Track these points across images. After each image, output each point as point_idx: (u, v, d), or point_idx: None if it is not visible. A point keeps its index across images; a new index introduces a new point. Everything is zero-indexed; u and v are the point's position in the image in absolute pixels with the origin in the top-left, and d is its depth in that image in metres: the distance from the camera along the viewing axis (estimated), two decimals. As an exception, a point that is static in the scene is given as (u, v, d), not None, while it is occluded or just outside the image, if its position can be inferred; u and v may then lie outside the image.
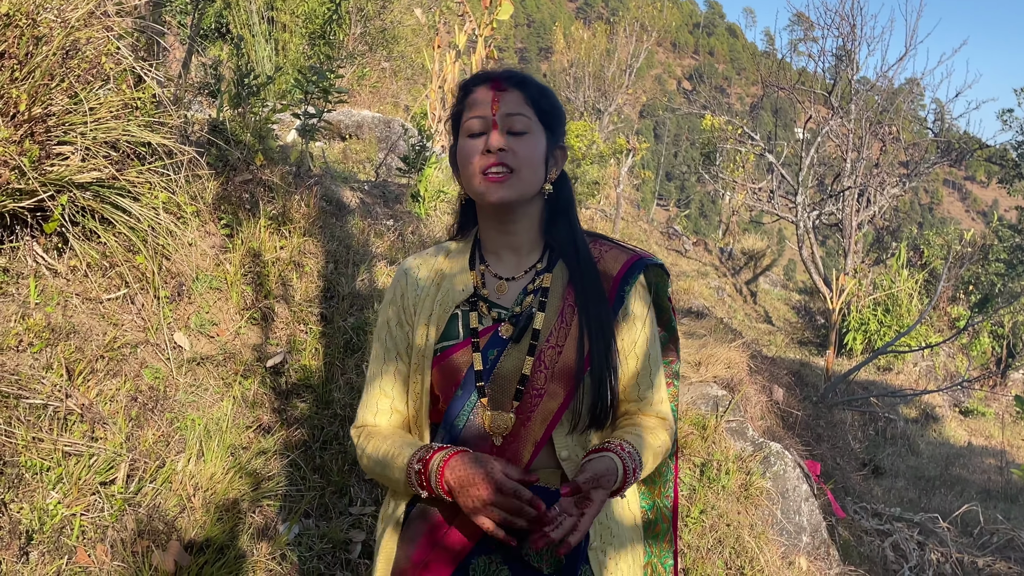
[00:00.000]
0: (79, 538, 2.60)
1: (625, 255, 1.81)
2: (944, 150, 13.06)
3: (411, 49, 12.11)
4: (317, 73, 5.05)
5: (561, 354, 1.69)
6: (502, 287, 1.78)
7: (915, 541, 5.37)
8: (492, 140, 1.67)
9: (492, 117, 1.69)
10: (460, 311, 1.76)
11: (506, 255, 1.80)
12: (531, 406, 1.68)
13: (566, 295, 1.74)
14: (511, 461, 1.64)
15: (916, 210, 38.44)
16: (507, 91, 1.72)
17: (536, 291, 1.75)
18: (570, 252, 1.76)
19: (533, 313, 1.72)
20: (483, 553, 1.66)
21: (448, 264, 1.84)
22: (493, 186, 1.68)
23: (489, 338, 1.72)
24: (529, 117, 1.71)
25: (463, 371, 1.71)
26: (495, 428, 1.68)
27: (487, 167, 1.67)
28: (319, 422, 3.58)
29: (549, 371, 1.69)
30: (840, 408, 8.05)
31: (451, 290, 1.78)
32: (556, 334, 1.71)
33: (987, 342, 13.96)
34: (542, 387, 1.68)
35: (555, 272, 1.77)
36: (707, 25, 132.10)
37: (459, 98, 1.79)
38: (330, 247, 4.42)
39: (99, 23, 3.43)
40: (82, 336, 3.11)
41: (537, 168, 1.72)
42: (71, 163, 3.18)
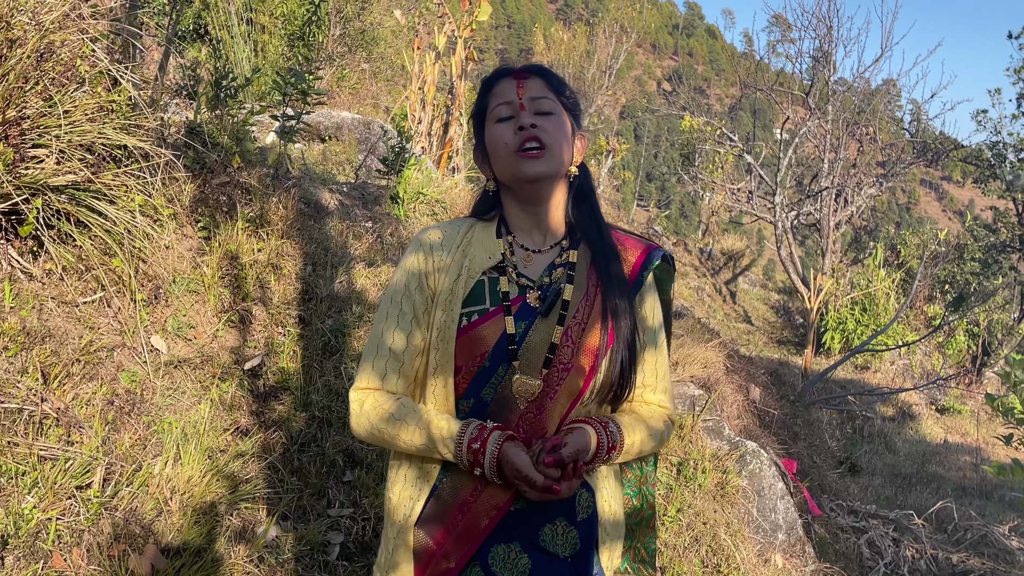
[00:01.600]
0: (55, 542, 2.58)
1: (642, 244, 1.86)
2: (920, 150, 13.17)
3: (391, 50, 12.09)
4: (296, 75, 5.04)
5: (585, 330, 1.73)
6: (528, 258, 1.80)
7: (890, 538, 5.42)
8: (523, 118, 1.72)
9: (519, 100, 1.74)
10: (487, 277, 1.76)
11: (532, 232, 1.83)
12: (559, 379, 1.71)
13: (590, 273, 1.78)
14: (535, 429, 1.70)
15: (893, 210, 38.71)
16: (529, 78, 1.78)
17: (564, 264, 1.78)
18: (594, 234, 1.80)
19: (562, 287, 1.74)
20: (500, 542, 1.69)
21: (472, 235, 1.83)
22: (529, 161, 1.71)
23: (519, 307, 1.73)
24: (553, 100, 1.77)
25: (492, 341, 1.71)
26: (521, 392, 1.70)
27: (522, 143, 1.71)
28: (297, 424, 3.58)
29: (576, 345, 1.72)
30: (817, 407, 8.11)
31: (477, 257, 1.78)
32: (583, 310, 1.74)
33: (962, 340, 14.09)
34: (568, 361, 1.71)
35: (580, 250, 1.80)
36: (686, 26, 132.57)
37: (481, 94, 1.84)
38: (308, 249, 4.41)
39: (74, 25, 3.41)
40: (58, 340, 3.10)
41: (566, 146, 1.77)
42: (46, 166, 3.16)
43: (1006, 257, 16.17)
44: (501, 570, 1.68)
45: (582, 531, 1.73)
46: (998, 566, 5.30)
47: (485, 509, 1.68)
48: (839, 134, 11.48)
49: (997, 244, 16.05)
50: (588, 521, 1.75)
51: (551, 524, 1.70)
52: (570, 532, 1.71)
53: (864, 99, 12.16)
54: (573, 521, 1.72)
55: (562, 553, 1.70)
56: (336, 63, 10.41)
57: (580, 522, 1.73)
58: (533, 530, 1.70)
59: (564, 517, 1.71)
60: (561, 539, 1.70)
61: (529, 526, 1.70)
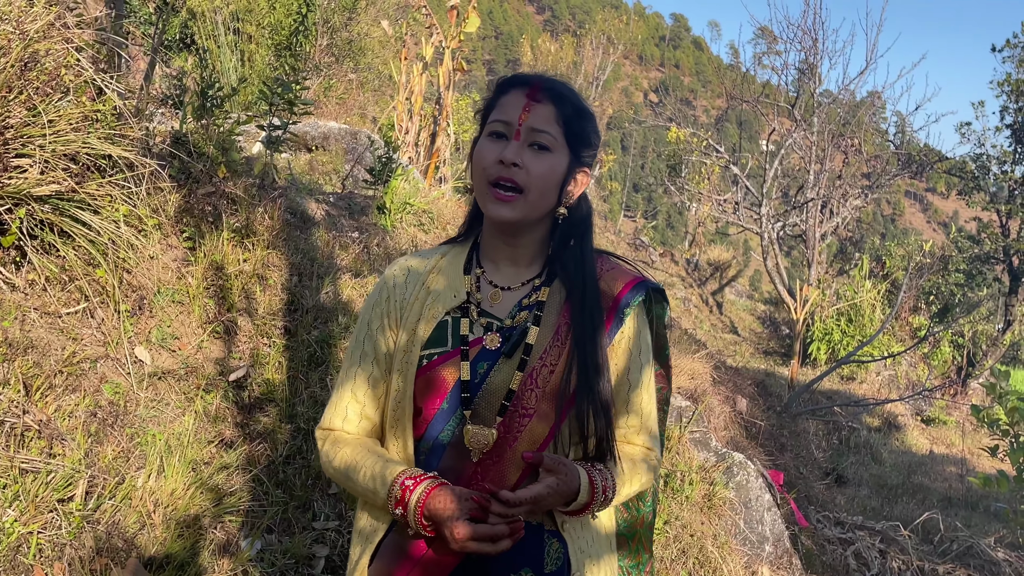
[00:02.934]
0: (36, 556, 2.56)
1: (628, 276, 1.75)
2: (905, 162, 13.25)
3: (378, 61, 12.09)
4: (283, 84, 5.03)
5: (554, 373, 1.63)
6: (496, 295, 1.70)
7: (877, 549, 5.43)
8: (508, 152, 1.59)
9: (517, 127, 1.62)
10: (450, 317, 1.68)
11: (504, 265, 1.73)
12: (518, 426, 1.61)
13: (563, 312, 1.67)
14: (495, 479, 1.59)
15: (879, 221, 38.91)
16: (540, 103, 1.63)
17: (532, 306, 1.68)
18: (575, 272, 1.68)
19: (527, 327, 1.65)
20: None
21: (442, 266, 1.75)
22: (496, 203, 1.61)
23: (479, 350, 1.64)
24: (555, 136, 1.63)
25: (450, 383, 1.63)
26: (474, 443, 1.60)
27: (496, 179, 1.60)
28: (282, 436, 3.56)
29: (540, 390, 1.62)
30: (804, 418, 8.13)
31: (442, 294, 1.70)
32: (550, 352, 1.64)
33: (947, 351, 14.16)
34: (532, 407, 1.61)
35: (553, 287, 1.70)
36: (673, 38, 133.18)
37: (493, 94, 1.70)
38: (294, 260, 4.39)
39: (59, 35, 3.40)
40: (40, 351, 3.07)
41: (548, 192, 1.63)
42: (29, 176, 3.14)
43: (990, 268, 16.29)
44: None
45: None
46: (984, 577, 5.32)
47: (441, 558, 1.58)
48: (824, 146, 11.54)
49: (981, 255, 16.15)
50: (556, 574, 1.63)
51: (515, 575, 1.60)
52: None
53: (849, 111, 12.23)
54: (540, 573, 1.61)
55: None
56: (323, 73, 10.41)
57: (548, 574, 1.62)
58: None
59: (531, 568, 1.61)
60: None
61: (492, 574, 1.59)
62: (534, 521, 1.63)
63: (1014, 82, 15.67)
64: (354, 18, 11.61)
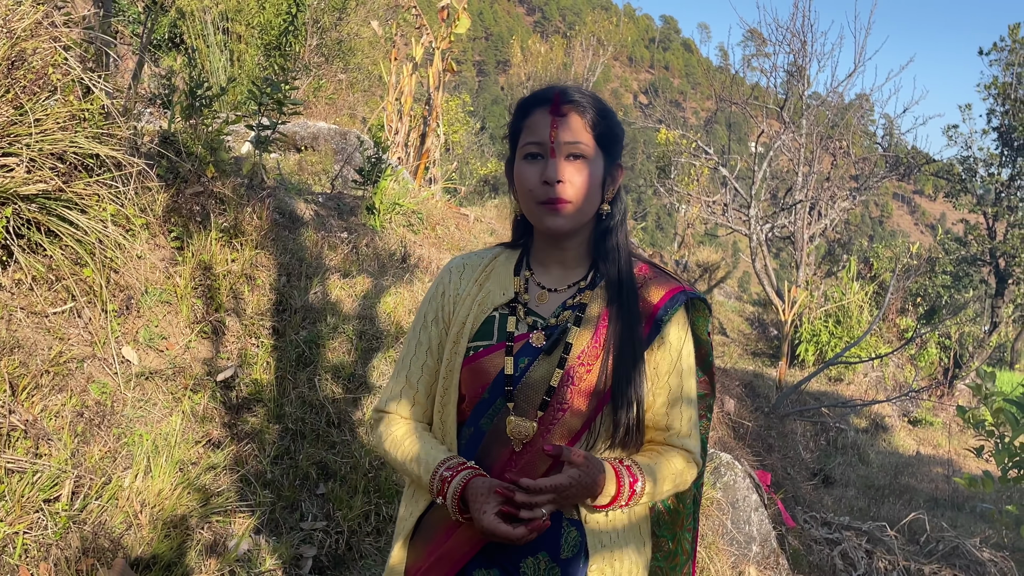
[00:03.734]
0: (22, 557, 2.55)
1: (668, 285, 1.79)
2: (893, 164, 13.31)
3: (368, 61, 12.08)
4: (272, 84, 5.03)
5: (590, 373, 1.69)
6: (543, 296, 1.78)
7: (863, 549, 5.44)
8: (549, 171, 1.66)
9: (550, 144, 1.67)
10: (498, 313, 1.76)
11: (553, 268, 1.80)
12: (554, 419, 1.68)
13: (603, 315, 1.73)
14: (527, 470, 1.67)
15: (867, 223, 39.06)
16: (566, 116, 1.68)
17: (575, 307, 1.74)
18: (613, 275, 1.76)
19: (568, 327, 1.72)
20: (482, 566, 1.68)
21: (494, 267, 1.84)
22: (550, 216, 1.68)
23: (522, 345, 1.72)
24: (587, 143, 1.68)
25: (493, 374, 1.71)
26: (516, 434, 1.67)
27: (545, 198, 1.67)
28: (270, 437, 3.55)
29: (576, 387, 1.68)
30: (791, 419, 8.15)
31: (492, 292, 1.79)
32: (588, 352, 1.70)
33: (934, 353, 14.22)
34: (568, 402, 1.68)
35: (596, 291, 1.76)
36: (663, 40, 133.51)
37: (516, 116, 1.76)
38: (283, 260, 4.39)
39: (46, 34, 3.38)
40: (26, 351, 3.06)
41: (593, 196, 1.71)
42: (16, 175, 3.12)
43: (977, 270, 16.38)
44: None
45: (565, 569, 1.68)
46: (969, 577, 5.34)
47: (469, 535, 1.67)
48: (813, 148, 11.58)
49: (968, 257, 16.23)
50: (572, 560, 1.69)
51: (534, 557, 1.67)
52: (552, 569, 1.67)
53: (838, 113, 12.28)
54: (556, 558, 1.68)
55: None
56: (313, 73, 10.39)
57: (564, 560, 1.68)
58: (514, 561, 1.67)
59: (547, 552, 1.68)
60: (543, 574, 1.67)
61: (510, 556, 1.67)
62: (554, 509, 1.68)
63: (1001, 85, 15.76)
64: (344, 18, 11.60)
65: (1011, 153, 15.76)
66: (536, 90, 1.79)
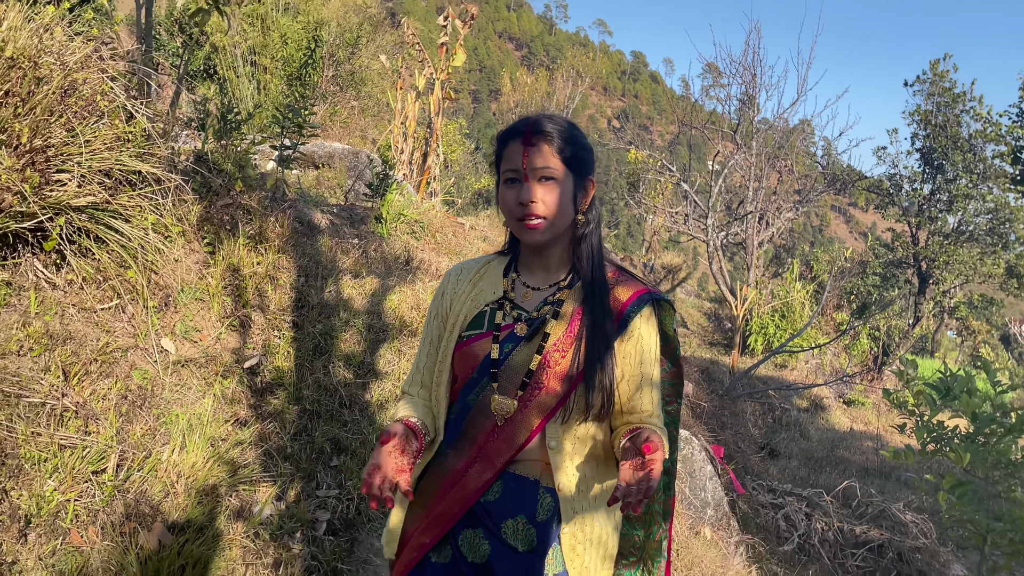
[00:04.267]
0: (73, 521, 2.53)
1: (636, 287, 1.81)
2: (831, 180, 13.34)
3: (377, 90, 12.04)
4: (293, 110, 5.01)
5: (564, 358, 1.71)
6: (528, 294, 1.80)
7: (803, 512, 5.46)
8: (523, 195, 1.69)
9: (523, 170, 1.70)
10: (489, 308, 1.79)
11: (537, 271, 1.82)
12: (531, 397, 1.70)
13: (577, 310, 1.75)
14: (506, 442, 1.69)
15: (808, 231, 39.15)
16: (535, 145, 1.70)
17: (554, 303, 1.77)
18: (587, 276, 1.77)
19: (546, 319, 1.74)
20: (469, 527, 1.70)
21: (487, 270, 1.88)
22: (528, 232, 1.71)
23: (507, 334, 1.74)
24: (555, 167, 1.70)
25: (481, 357, 1.74)
26: (499, 410, 1.70)
27: (522, 216, 1.69)
28: (290, 416, 3.54)
29: (552, 371, 1.70)
30: (743, 400, 8.17)
31: (484, 291, 1.83)
32: (563, 340, 1.72)
33: (866, 343, 14.28)
34: (543, 383, 1.70)
35: (574, 289, 1.78)
36: (633, 72, 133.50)
37: (497, 146, 1.79)
38: (302, 263, 4.37)
39: (95, 66, 3.36)
40: (77, 342, 3.04)
41: (565, 210, 1.72)
42: (68, 189, 3.11)
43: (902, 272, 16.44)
44: (467, 552, 1.70)
45: (540, 530, 1.69)
46: (894, 536, 5.37)
47: (458, 498, 1.70)
48: (762, 166, 11.60)
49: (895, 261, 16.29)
50: (547, 522, 1.69)
51: (513, 519, 1.69)
52: (529, 530, 1.68)
53: (783, 136, 12.29)
54: (533, 520, 1.69)
55: (520, 547, 1.67)
56: (329, 100, 10.36)
57: (539, 522, 1.69)
58: (496, 522, 1.69)
59: (525, 515, 1.69)
60: (521, 534, 1.68)
61: (493, 518, 1.69)
62: (531, 478, 1.71)
63: (923, 112, 15.81)
64: (356, 53, 11.56)
65: (931, 171, 15.83)
66: (513, 122, 1.81)
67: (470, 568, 1.69)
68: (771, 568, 4.52)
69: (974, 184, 15.11)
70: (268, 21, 9.52)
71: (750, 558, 4.56)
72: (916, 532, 5.48)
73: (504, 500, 1.70)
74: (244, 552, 2.87)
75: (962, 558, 5.48)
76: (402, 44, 12.38)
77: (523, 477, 1.71)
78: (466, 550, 1.70)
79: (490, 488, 1.71)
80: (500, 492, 1.71)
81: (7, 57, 2.93)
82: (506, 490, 1.70)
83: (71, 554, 2.45)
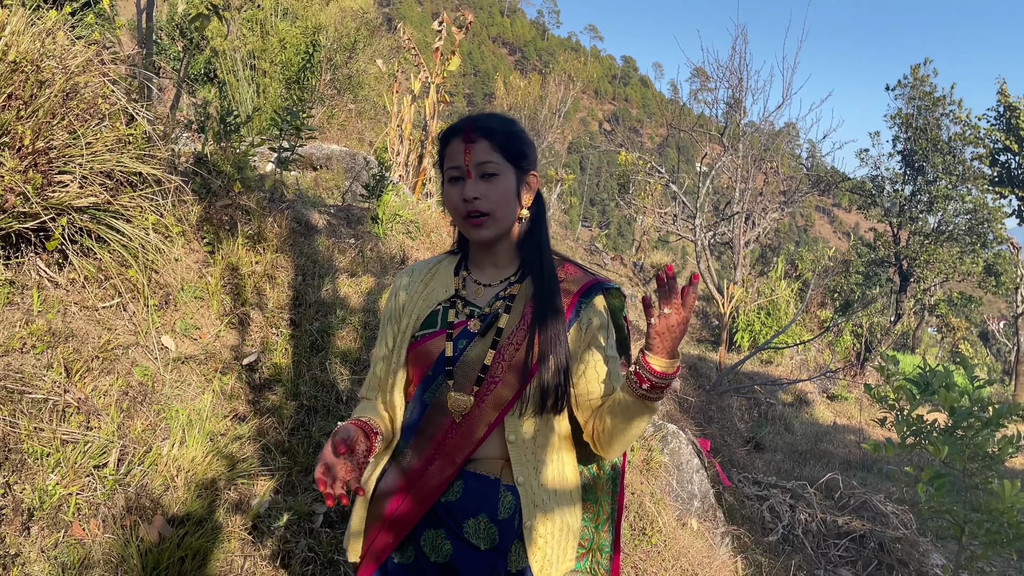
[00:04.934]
0: (75, 514, 2.52)
1: (586, 278, 1.78)
2: (815, 182, 13.38)
3: (374, 93, 12.02)
4: (291, 113, 5.00)
5: (518, 351, 1.67)
6: (479, 291, 1.77)
7: (788, 504, 5.48)
8: (466, 191, 1.66)
9: (465, 167, 1.67)
10: (441, 307, 1.76)
11: (487, 267, 1.79)
12: (488, 391, 1.66)
13: (529, 303, 1.72)
14: (464, 438, 1.66)
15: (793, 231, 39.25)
16: (475, 142, 1.67)
17: (505, 297, 1.73)
18: (536, 270, 1.74)
19: (499, 314, 1.71)
20: (431, 527, 1.66)
21: (438, 270, 1.84)
22: (474, 229, 1.68)
23: (461, 330, 1.71)
24: (497, 162, 1.67)
25: (435, 355, 1.70)
26: (456, 407, 1.66)
27: (465, 214, 1.67)
28: (288, 412, 3.53)
29: (507, 363, 1.67)
30: (729, 395, 8.19)
31: (436, 290, 1.79)
32: (517, 334, 1.69)
33: (849, 340, 14.33)
34: (499, 376, 1.66)
35: (524, 284, 1.75)
36: (623, 76, 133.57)
37: (440, 146, 1.75)
38: (299, 262, 4.36)
39: (96, 69, 3.35)
40: (79, 339, 3.03)
41: (509, 205, 1.69)
42: (70, 190, 3.09)
43: (884, 270, 16.50)
44: (429, 552, 1.67)
45: (502, 528, 1.66)
46: (875, 527, 5.39)
47: (419, 497, 1.67)
48: (748, 168, 11.63)
49: (877, 260, 16.36)
50: (508, 520, 1.67)
51: (474, 519, 1.65)
52: (491, 528, 1.65)
53: (769, 139, 12.32)
54: (494, 519, 1.66)
55: (482, 546, 1.65)
56: (327, 103, 10.34)
57: (501, 520, 1.66)
58: (458, 522, 1.66)
59: (486, 514, 1.66)
60: (483, 533, 1.65)
61: (455, 517, 1.66)
62: (492, 476, 1.68)
63: (904, 116, 15.87)
64: (353, 57, 11.54)
65: (912, 173, 15.89)
66: (454, 122, 1.78)
67: (433, 568, 1.66)
68: (756, 558, 4.54)
69: (953, 185, 15.18)
70: (267, 26, 9.49)
71: (735, 548, 4.58)
72: (896, 523, 5.51)
73: (465, 500, 1.66)
74: (243, 544, 2.86)
75: (941, 548, 5.51)
76: (398, 49, 12.37)
77: (483, 476, 1.68)
78: (428, 550, 1.66)
79: (450, 487, 1.67)
80: (461, 492, 1.67)
81: (10, 61, 2.91)
82: (467, 490, 1.67)
83: (73, 547, 2.44)
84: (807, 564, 4.89)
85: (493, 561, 1.65)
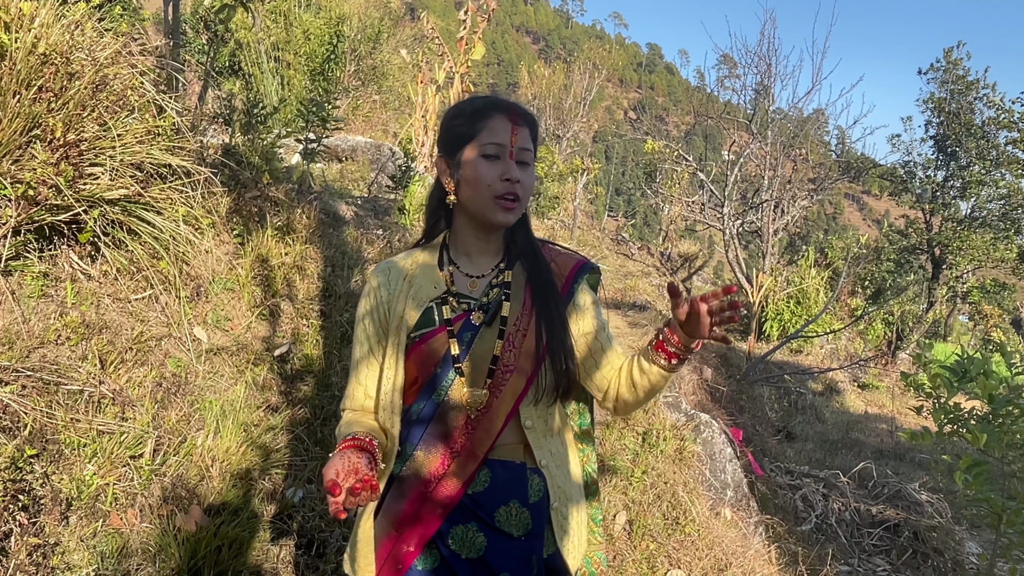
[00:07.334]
0: (112, 504, 2.55)
1: (575, 259, 1.79)
2: (845, 169, 13.19)
3: (398, 84, 12.02)
4: (317, 104, 5.00)
5: (527, 336, 1.66)
6: (473, 284, 1.72)
7: (820, 493, 5.43)
8: (514, 172, 1.62)
9: (511, 148, 1.62)
10: (434, 304, 1.68)
11: (477, 257, 1.74)
12: (502, 382, 1.63)
13: (526, 287, 1.71)
14: (485, 431, 1.62)
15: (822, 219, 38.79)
16: (522, 127, 1.65)
17: (501, 284, 1.70)
18: (529, 254, 1.74)
19: (501, 302, 1.68)
20: (460, 522, 1.62)
21: (417, 266, 1.75)
22: (504, 212, 1.63)
23: (462, 324, 1.66)
24: (532, 151, 1.67)
25: (441, 352, 1.65)
26: (471, 403, 1.62)
27: (504, 194, 1.62)
28: (319, 402, 3.55)
29: (518, 350, 1.65)
30: (759, 384, 8.12)
31: (423, 287, 1.70)
32: (522, 320, 1.67)
33: (880, 328, 14.15)
34: (512, 364, 1.64)
35: (516, 269, 1.73)
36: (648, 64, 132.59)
37: (471, 118, 1.66)
38: (328, 253, 4.38)
39: (125, 61, 3.37)
40: (113, 331, 3.06)
41: (530, 196, 1.70)
42: (101, 182, 3.12)
43: (916, 258, 16.24)
44: (460, 548, 1.60)
45: (534, 512, 1.66)
46: (910, 516, 5.32)
47: (440, 498, 1.61)
48: (777, 155, 11.48)
49: (908, 247, 16.10)
50: (538, 504, 1.67)
51: (505, 506, 1.63)
52: (523, 513, 1.64)
53: (798, 126, 12.14)
54: (525, 503, 1.64)
55: (515, 533, 1.62)
56: (351, 95, 10.36)
57: (532, 504, 1.65)
58: (488, 512, 1.62)
59: (517, 499, 1.64)
60: (515, 520, 1.63)
61: (485, 509, 1.62)
62: (516, 461, 1.68)
63: (937, 100, 15.57)
64: (377, 48, 11.55)
65: (945, 158, 15.60)
66: (482, 95, 1.74)
67: (464, 565, 1.60)
68: (790, 547, 4.49)
69: (987, 171, 14.88)
70: (291, 17, 9.52)
71: (769, 537, 4.54)
72: (931, 511, 5.44)
73: (494, 488, 1.63)
74: (278, 533, 2.88)
75: (976, 536, 5.42)
76: (422, 38, 12.35)
77: (508, 462, 1.66)
78: (458, 547, 1.60)
79: (477, 478, 1.63)
80: (489, 481, 1.64)
81: (40, 53, 2.94)
82: (494, 478, 1.64)
83: (111, 536, 2.47)
84: (841, 553, 4.84)
85: (528, 547, 1.64)
